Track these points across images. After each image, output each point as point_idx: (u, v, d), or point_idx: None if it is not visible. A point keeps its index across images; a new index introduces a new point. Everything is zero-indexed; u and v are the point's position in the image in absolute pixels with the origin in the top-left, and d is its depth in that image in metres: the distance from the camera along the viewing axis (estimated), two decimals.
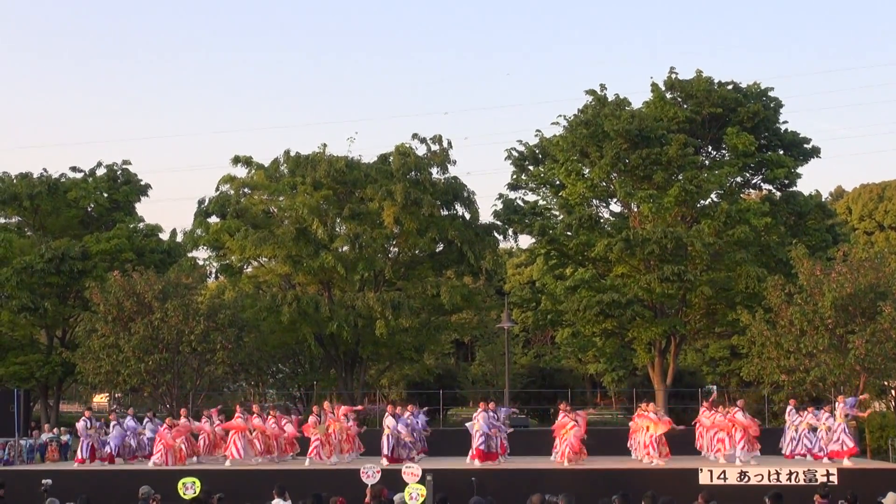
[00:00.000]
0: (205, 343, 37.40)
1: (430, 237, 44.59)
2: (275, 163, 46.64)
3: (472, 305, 48.17)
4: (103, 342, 37.82)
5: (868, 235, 74.74)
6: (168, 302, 37.26)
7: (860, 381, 33.50)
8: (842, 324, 33.92)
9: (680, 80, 46.85)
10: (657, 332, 44.49)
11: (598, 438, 30.76)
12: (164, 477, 24.06)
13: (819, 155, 47.78)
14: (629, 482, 23.67)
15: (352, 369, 46.59)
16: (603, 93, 47.27)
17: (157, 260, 46.77)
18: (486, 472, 26.12)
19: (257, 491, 22.24)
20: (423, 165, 45.25)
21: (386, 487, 20.80)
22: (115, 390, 42.73)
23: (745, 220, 42.92)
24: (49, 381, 47.30)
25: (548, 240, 46.50)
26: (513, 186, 49.72)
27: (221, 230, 45.35)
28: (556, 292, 47.17)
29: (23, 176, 49.20)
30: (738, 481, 24.91)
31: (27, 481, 24.82)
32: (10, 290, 44.83)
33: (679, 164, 43.61)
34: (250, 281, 48.06)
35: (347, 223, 44.35)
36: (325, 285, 45.86)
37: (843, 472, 24.92)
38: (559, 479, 24.90)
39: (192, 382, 38.29)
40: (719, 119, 46.19)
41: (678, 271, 41.61)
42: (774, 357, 35.08)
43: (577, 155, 46.12)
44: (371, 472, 21.31)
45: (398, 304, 42.34)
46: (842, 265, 34.78)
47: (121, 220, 49.41)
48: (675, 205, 43.43)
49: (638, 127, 43.61)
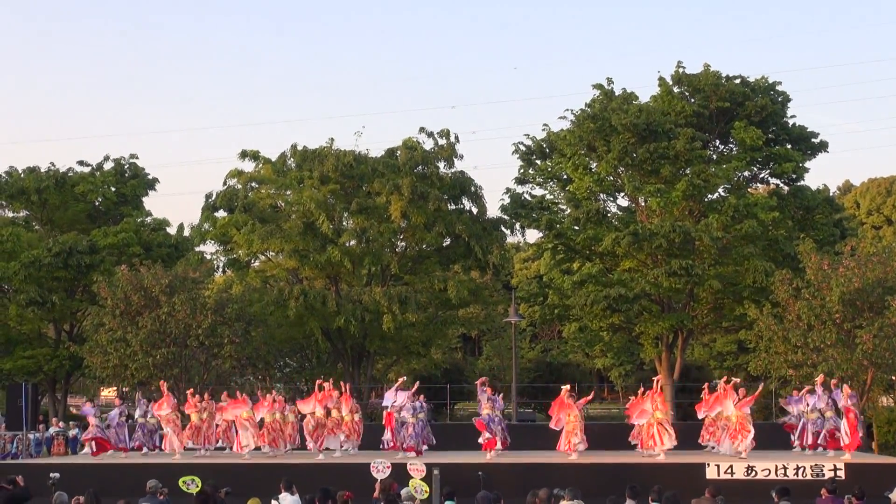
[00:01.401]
0: (212, 337, 37.43)
1: (438, 231, 44.55)
2: (282, 157, 46.64)
3: (480, 300, 48.14)
4: (111, 336, 37.87)
5: (876, 230, 74.64)
6: (175, 296, 37.30)
7: (868, 375, 33.45)
8: (849, 318, 33.83)
9: (687, 74, 46.77)
10: (664, 326, 44.47)
11: (605, 433, 30.76)
12: (172, 471, 24.08)
13: (827, 149, 47.69)
14: (636, 476, 23.67)
15: (359, 363, 46.62)
16: (610, 87, 47.22)
17: (165, 254, 46.84)
18: (493, 466, 26.13)
19: (265, 485, 22.24)
20: (430, 160, 45.21)
21: (396, 482, 20.82)
22: (123, 384, 42.80)
23: (752, 214, 42.85)
24: (57, 374, 47.38)
25: (555, 234, 46.46)
26: (520, 181, 49.64)
27: (229, 224, 45.40)
28: (564, 287, 47.17)
29: (30, 170, 49.26)
30: (746, 476, 24.90)
31: (35, 475, 24.83)
32: (18, 284, 44.94)
33: (687, 158, 43.56)
34: (258, 275, 48.10)
35: (355, 217, 44.37)
36: (333, 280, 45.87)
37: (850, 466, 24.89)
38: (566, 473, 24.86)
39: (200, 376, 38.35)
40: (727, 113, 46.10)
41: (686, 266, 41.56)
42: (782, 352, 35.01)
43: (585, 149, 46.07)
44: (381, 466, 21.33)
45: (405, 298, 42.33)
46: (850, 260, 34.69)
47: (128, 214, 49.48)
48: (683, 199, 43.38)
49: (645, 121, 43.57)
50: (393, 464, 21.96)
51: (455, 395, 49.21)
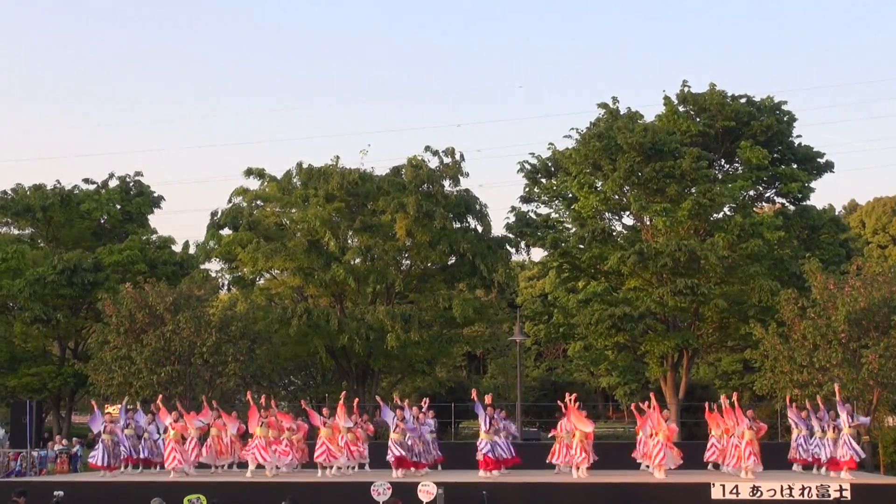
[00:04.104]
0: (216, 355, 37.44)
1: (442, 250, 44.49)
2: (287, 175, 46.70)
3: (484, 318, 48.04)
4: (115, 354, 37.90)
5: (882, 249, 74.53)
6: (180, 314, 37.32)
7: (874, 395, 33.34)
8: (855, 338, 33.77)
9: (693, 94, 46.82)
10: (670, 345, 44.38)
11: (611, 452, 30.63)
12: (176, 489, 24.03)
13: (833, 169, 47.69)
14: (641, 496, 23.60)
15: (363, 382, 46.52)
16: (615, 106, 47.29)
17: (170, 272, 46.85)
18: (497, 485, 25.99)
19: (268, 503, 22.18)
20: (435, 178, 45.21)
21: (400, 500, 20.73)
22: (128, 402, 42.78)
23: (758, 233, 42.80)
24: (61, 392, 47.41)
25: (560, 253, 46.44)
26: (525, 199, 49.67)
27: (234, 242, 45.42)
28: (569, 305, 47.09)
29: (36, 187, 49.41)
30: (751, 496, 24.76)
31: (39, 492, 24.78)
32: (23, 301, 45.01)
33: (692, 177, 43.54)
34: (262, 293, 48.10)
35: (359, 235, 44.37)
36: (337, 298, 45.83)
37: (856, 487, 24.77)
38: (571, 493, 24.79)
39: (205, 394, 38.28)
40: (732, 132, 46.13)
41: (691, 284, 41.49)
42: (787, 371, 34.91)
43: (590, 168, 46.07)
44: (381, 489, 21.20)
45: (409, 316, 42.27)
46: (855, 279, 34.64)
47: (133, 231, 49.56)
48: (689, 218, 43.34)
49: (651, 140, 43.57)
50: (397, 483, 21.88)
51: (460, 413, 49.06)
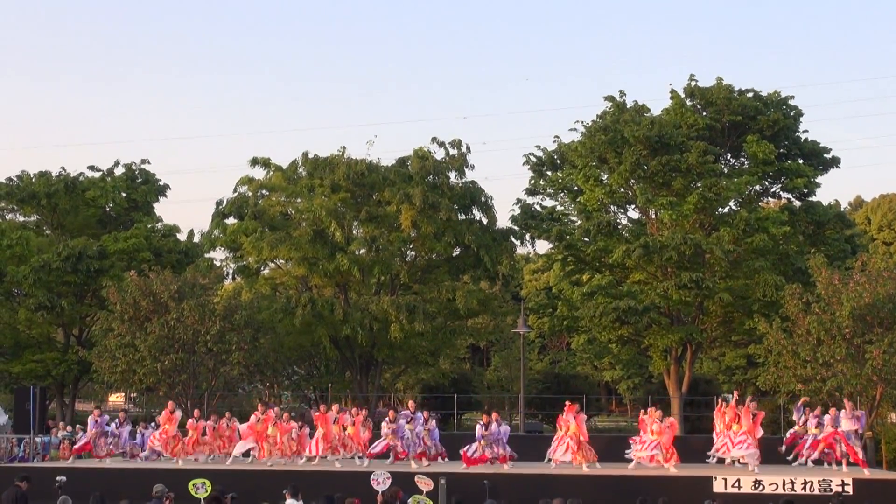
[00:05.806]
0: (220, 343, 37.49)
1: (447, 241, 44.50)
2: (293, 165, 46.67)
3: (488, 310, 48.09)
4: (119, 341, 37.99)
5: (887, 245, 74.37)
6: (184, 302, 37.39)
7: (877, 391, 33.30)
8: (859, 334, 33.69)
9: (700, 88, 46.70)
10: (673, 339, 44.33)
11: (613, 445, 30.62)
12: (178, 475, 24.07)
13: (839, 165, 47.56)
14: (643, 489, 23.59)
15: (367, 372, 46.56)
16: (622, 99, 47.17)
17: (175, 260, 46.89)
18: (499, 475, 26.06)
19: (270, 491, 22.22)
20: (441, 169, 45.21)
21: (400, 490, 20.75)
22: (131, 389, 42.87)
23: (763, 228, 42.70)
24: (65, 379, 47.46)
25: (565, 245, 46.38)
26: (530, 192, 49.57)
27: (239, 231, 45.45)
28: (573, 298, 47.06)
29: (41, 174, 49.39)
30: (753, 490, 24.77)
31: (41, 478, 24.82)
32: (28, 288, 45.06)
33: (698, 171, 43.43)
34: (267, 282, 48.12)
35: (364, 226, 44.38)
36: (341, 288, 45.85)
37: (858, 482, 24.76)
38: (573, 484, 24.80)
39: (208, 383, 38.39)
40: (739, 127, 46.01)
41: (696, 279, 41.46)
42: (791, 366, 34.86)
43: (596, 161, 45.96)
44: (381, 478, 21.22)
45: (413, 307, 42.28)
46: (860, 275, 34.54)
47: (139, 219, 49.58)
48: (694, 212, 43.26)
49: (657, 134, 43.46)
50: (398, 473, 21.89)
51: (463, 405, 49.15)
